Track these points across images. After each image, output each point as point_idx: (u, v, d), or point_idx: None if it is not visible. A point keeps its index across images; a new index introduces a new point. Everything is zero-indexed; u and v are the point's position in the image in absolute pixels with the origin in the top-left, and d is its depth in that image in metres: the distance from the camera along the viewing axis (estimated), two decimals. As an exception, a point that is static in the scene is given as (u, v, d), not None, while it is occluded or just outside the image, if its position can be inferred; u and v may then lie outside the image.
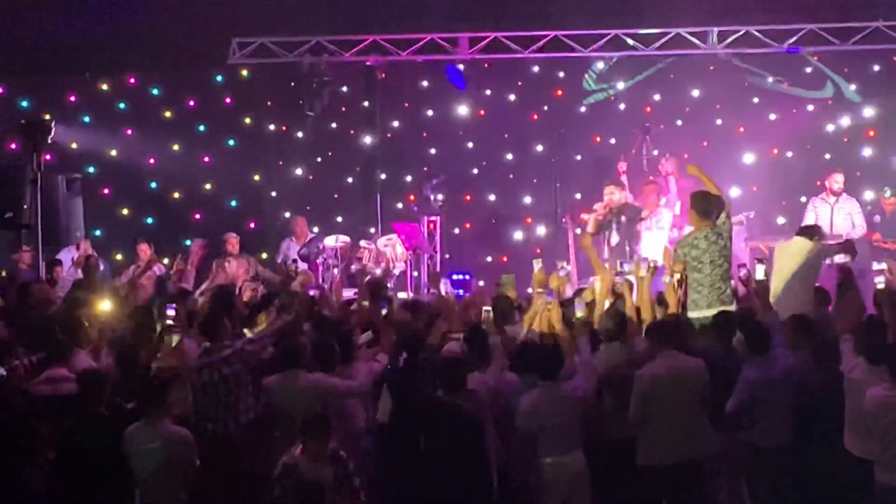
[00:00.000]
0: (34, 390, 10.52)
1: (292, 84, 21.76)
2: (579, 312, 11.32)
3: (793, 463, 10.24)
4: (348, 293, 16.19)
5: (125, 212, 22.21)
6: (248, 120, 22.63)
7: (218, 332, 10.88)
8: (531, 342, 10.98)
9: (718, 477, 10.55)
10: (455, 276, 20.04)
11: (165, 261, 17.74)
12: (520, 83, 22.16)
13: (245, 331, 11.75)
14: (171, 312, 11.81)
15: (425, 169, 21.73)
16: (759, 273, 12.06)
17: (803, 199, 18.57)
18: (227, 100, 22.50)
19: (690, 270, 12.58)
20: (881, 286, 12.03)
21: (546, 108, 22.17)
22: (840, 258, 16.55)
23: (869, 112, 20.86)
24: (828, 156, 20.39)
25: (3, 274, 18.10)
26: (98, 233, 20.82)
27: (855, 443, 9.86)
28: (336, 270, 19.24)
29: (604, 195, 17.37)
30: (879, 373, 9.65)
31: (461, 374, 9.76)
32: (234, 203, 22.53)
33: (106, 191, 21.91)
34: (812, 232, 13.90)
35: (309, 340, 11.26)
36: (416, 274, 20.18)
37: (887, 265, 13.59)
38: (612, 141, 21.36)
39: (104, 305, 12.82)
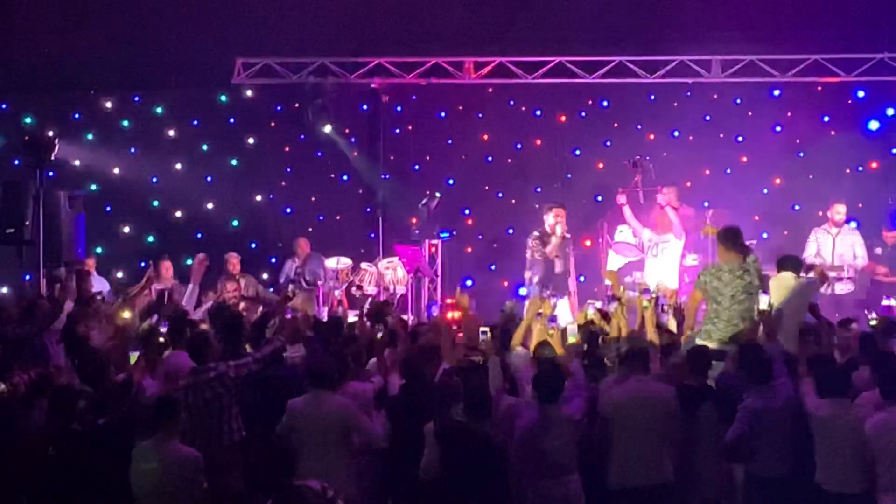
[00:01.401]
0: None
1: (296, 105, 21.81)
2: (571, 338, 11.36)
3: (793, 493, 10.22)
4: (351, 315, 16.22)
5: (127, 230, 22.21)
6: (251, 140, 22.64)
7: (204, 353, 10.86)
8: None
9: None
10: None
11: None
12: (523, 108, 22.15)
13: (247, 347, 11.71)
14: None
15: (427, 192, 21.72)
16: (764, 303, 12.02)
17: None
18: (231, 120, 22.54)
19: (709, 301, 12.58)
20: (873, 322, 12.10)
21: (549, 134, 22.16)
22: (840, 288, 16.61)
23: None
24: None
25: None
26: (99, 250, 20.80)
27: (830, 479, 9.87)
28: (337, 292, 19.25)
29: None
30: (843, 406, 9.75)
31: (488, 399, 9.73)
32: (235, 223, 22.53)
33: (108, 208, 21.91)
34: (795, 265, 13.81)
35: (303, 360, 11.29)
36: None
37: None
38: (612, 165, 21.33)
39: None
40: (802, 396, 10.22)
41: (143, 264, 18.00)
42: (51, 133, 18.24)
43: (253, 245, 22.11)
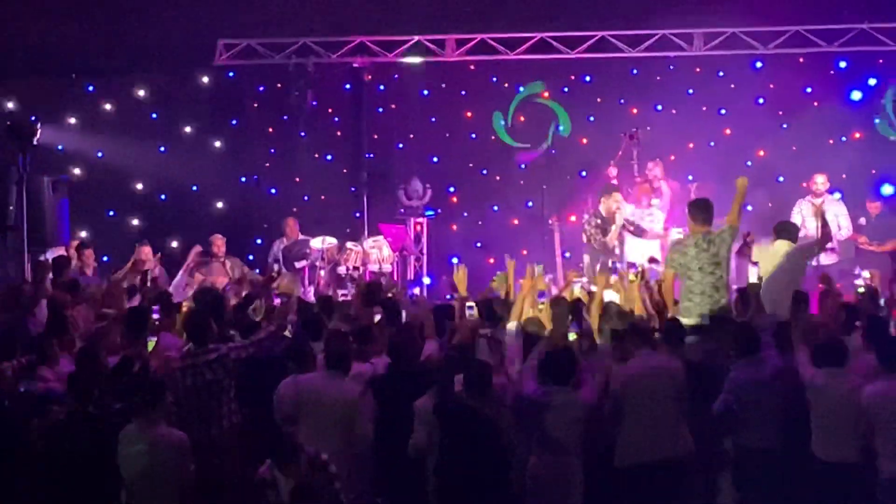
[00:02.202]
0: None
1: (279, 86, 21.77)
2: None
3: (780, 464, 10.26)
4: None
5: (111, 213, 22.16)
6: (234, 121, 22.60)
7: (204, 335, 10.83)
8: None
9: (701, 476, 10.56)
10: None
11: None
12: (506, 85, 22.11)
13: (232, 332, 11.70)
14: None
15: (413, 172, 21.72)
16: (753, 276, 12.02)
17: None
18: (214, 101, 22.48)
19: (681, 277, 12.60)
20: (861, 290, 12.13)
21: (535, 110, 22.14)
22: (825, 259, 16.64)
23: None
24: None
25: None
26: (84, 234, 20.76)
27: (828, 449, 9.90)
28: (323, 272, 19.25)
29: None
30: (839, 375, 9.77)
31: (488, 377, 9.73)
32: (220, 204, 22.47)
33: (92, 192, 21.85)
34: (791, 233, 13.88)
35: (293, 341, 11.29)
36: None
37: (870, 273, 13.67)
38: (597, 140, 21.33)
39: None
40: (797, 365, 10.24)
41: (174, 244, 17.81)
42: (33, 118, 18.18)
43: (238, 227, 22.06)
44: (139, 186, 22.35)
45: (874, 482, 9.74)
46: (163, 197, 22.41)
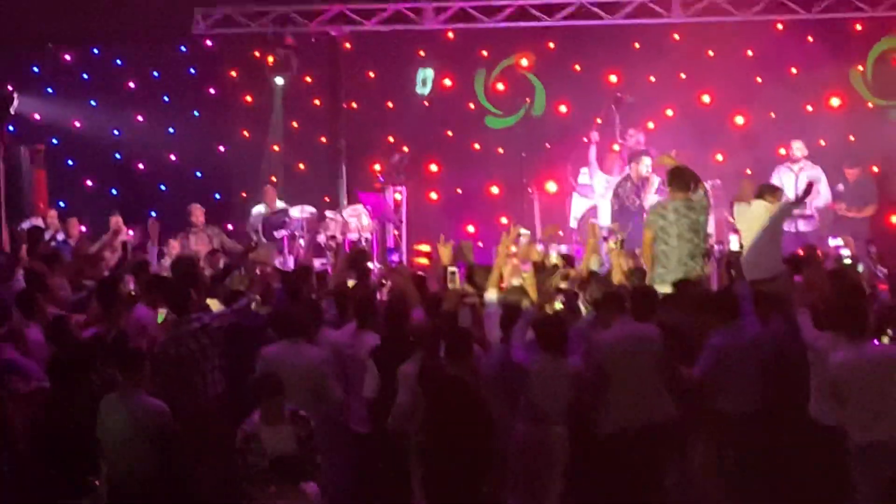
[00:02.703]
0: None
1: (256, 54, 21.69)
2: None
3: (761, 429, 10.30)
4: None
5: (89, 183, 22.09)
6: (212, 90, 22.52)
7: (186, 304, 10.83)
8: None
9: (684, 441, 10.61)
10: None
11: (131, 233, 17.63)
12: (485, 52, 22.08)
13: (208, 301, 11.71)
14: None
15: (391, 140, 21.68)
16: (734, 243, 12.01)
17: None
18: (192, 70, 22.41)
19: (658, 242, 12.60)
20: (848, 261, 12.15)
21: (515, 80, 22.09)
22: (804, 226, 16.70)
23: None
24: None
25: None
26: (62, 204, 20.69)
27: (825, 412, 9.93)
28: (302, 242, 19.24)
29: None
30: (844, 341, 9.76)
31: (468, 345, 9.75)
32: (198, 174, 22.42)
33: (70, 162, 21.79)
34: (772, 192, 13.91)
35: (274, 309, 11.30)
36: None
37: (844, 240, 13.72)
38: (576, 108, 21.32)
39: None
40: (800, 327, 10.24)
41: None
42: (10, 87, 18.10)
43: (217, 196, 22.02)
44: (117, 156, 22.28)
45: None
46: (141, 166, 22.35)
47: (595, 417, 10.30)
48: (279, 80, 21.27)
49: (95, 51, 22.22)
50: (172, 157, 22.35)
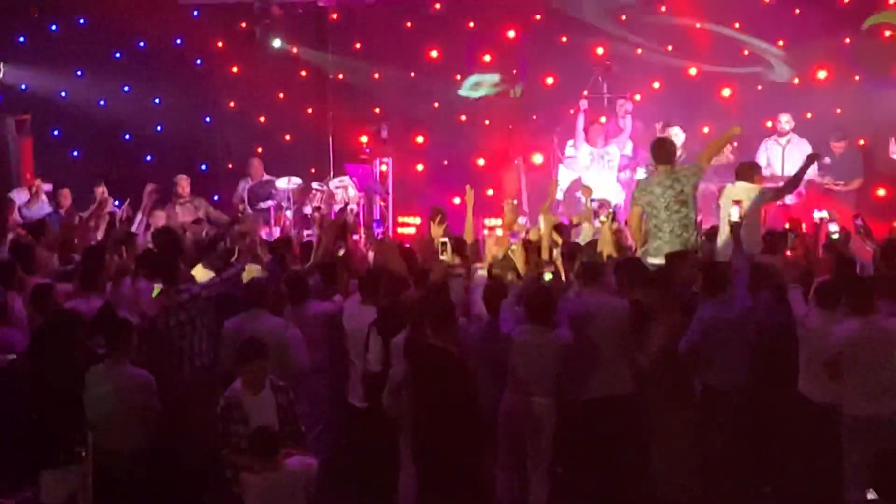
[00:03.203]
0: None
1: (243, 25, 21.62)
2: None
3: (749, 403, 10.33)
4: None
5: (75, 153, 22.02)
6: (198, 61, 22.45)
7: (174, 275, 10.84)
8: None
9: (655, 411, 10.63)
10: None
11: (116, 202, 17.60)
12: (472, 24, 22.03)
13: (192, 272, 11.71)
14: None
15: (377, 111, 21.65)
16: (735, 215, 11.94)
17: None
18: (178, 41, 22.32)
19: (649, 217, 12.64)
20: (836, 236, 12.16)
21: (499, 48, 22.04)
22: (789, 199, 16.69)
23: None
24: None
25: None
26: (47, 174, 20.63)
27: (814, 388, 9.97)
28: (289, 213, 19.23)
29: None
30: (835, 317, 9.80)
31: (453, 317, 9.76)
32: (184, 145, 22.36)
33: (56, 132, 21.72)
34: (752, 170, 13.91)
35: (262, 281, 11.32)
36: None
37: (828, 214, 13.70)
38: (562, 80, 21.29)
39: None
40: (791, 303, 10.29)
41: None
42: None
43: (203, 167, 22.00)
44: (104, 126, 22.21)
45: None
46: (127, 137, 22.27)
47: (564, 385, 10.36)
48: (276, 43, 21.22)
49: (81, 21, 22.09)
50: (158, 128, 22.28)
